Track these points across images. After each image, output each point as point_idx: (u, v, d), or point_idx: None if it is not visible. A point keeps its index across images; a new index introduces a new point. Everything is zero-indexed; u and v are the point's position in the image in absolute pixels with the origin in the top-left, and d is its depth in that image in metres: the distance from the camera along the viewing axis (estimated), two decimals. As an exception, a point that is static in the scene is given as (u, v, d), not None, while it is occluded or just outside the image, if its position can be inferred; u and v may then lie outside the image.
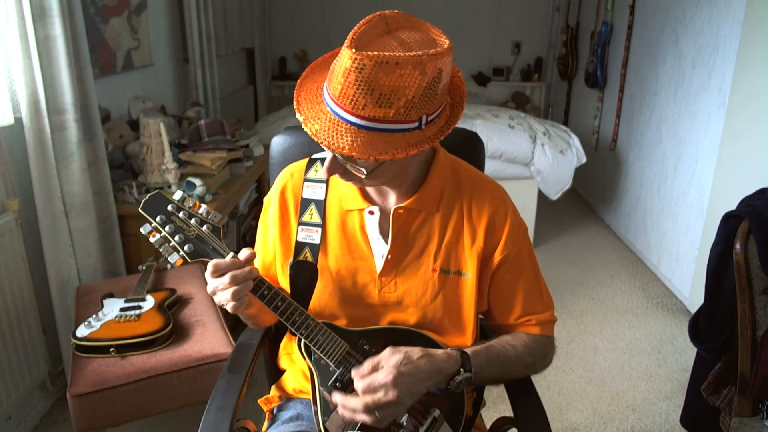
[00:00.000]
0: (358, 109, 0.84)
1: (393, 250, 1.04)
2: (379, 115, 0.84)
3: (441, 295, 1.05)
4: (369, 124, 0.85)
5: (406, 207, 1.04)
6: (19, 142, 1.91)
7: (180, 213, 0.95)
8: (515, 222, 1.07)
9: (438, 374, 0.94)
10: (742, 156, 2.47)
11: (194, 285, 1.93)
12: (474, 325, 1.08)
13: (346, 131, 0.86)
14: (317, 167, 1.10)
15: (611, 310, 2.93)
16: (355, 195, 1.06)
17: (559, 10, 5.40)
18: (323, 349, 0.99)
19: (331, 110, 0.87)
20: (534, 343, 1.09)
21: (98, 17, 2.52)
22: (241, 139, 2.82)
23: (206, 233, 0.95)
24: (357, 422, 0.95)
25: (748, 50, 2.44)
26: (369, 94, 0.83)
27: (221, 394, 1.07)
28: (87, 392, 1.46)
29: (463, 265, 1.05)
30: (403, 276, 1.05)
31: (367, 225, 1.05)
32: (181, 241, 0.94)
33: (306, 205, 1.07)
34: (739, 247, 1.46)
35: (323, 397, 0.99)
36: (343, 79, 0.83)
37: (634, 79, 3.75)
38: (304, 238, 1.06)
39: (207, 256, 0.94)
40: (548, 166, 3.40)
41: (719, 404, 1.60)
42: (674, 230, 3.13)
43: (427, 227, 1.06)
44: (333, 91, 0.86)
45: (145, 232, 0.95)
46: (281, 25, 5.54)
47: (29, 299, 1.94)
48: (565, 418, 2.13)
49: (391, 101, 0.84)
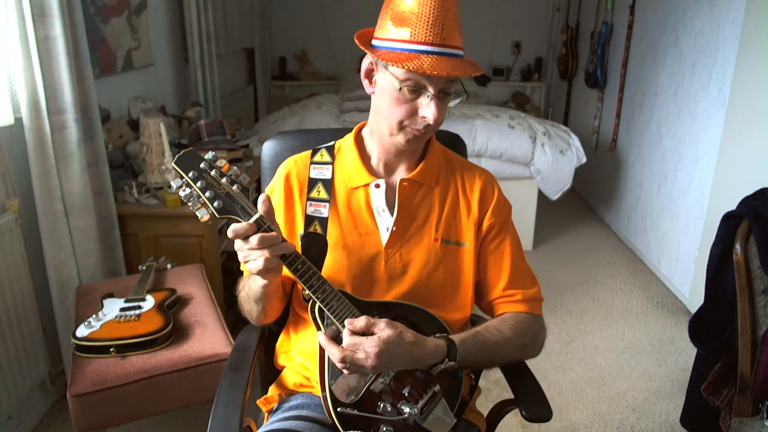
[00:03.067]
0: (454, 41, 1.00)
1: (398, 220, 1.12)
2: (459, 44, 1.02)
3: (443, 264, 1.12)
4: (456, 52, 1.02)
5: (410, 179, 1.14)
6: (19, 142, 1.91)
7: (212, 171, 0.96)
8: (501, 198, 1.19)
9: (420, 363, 1.02)
10: (742, 156, 2.47)
11: (194, 285, 1.93)
12: (472, 297, 1.16)
13: (448, 61, 0.99)
14: (323, 152, 1.18)
15: (611, 310, 2.93)
16: (360, 172, 1.14)
17: (559, 10, 5.40)
18: (336, 314, 1.01)
19: (424, 51, 0.98)
20: (521, 324, 1.13)
21: (98, 17, 2.52)
22: (241, 139, 2.82)
23: (236, 192, 0.96)
24: (361, 389, 1.01)
25: (748, 50, 2.44)
26: (458, 28, 1.01)
27: (227, 391, 1.08)
28: (87, 392, 1.46)
29: (462, 236, 1.15)
30: (408, 246, 1.12)
31: (372, 199, 1.13)
32: (212, 197, 0.95)
33: (313, 184, 1.15)
34: (739, 247, 1.46)
35: (332, 362, 1.01)
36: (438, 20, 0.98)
37: (634, 79, 3.75)
38: (312, 212, 1.12)
39: (235, 214, 0.95)
40: (548, 166, 3.40)
41: (719, 404, 1.60)
42: (674, 230, 3.13)
43: (429, 200, 1.15)
44: (423, 33, 0.98)
45: (176, 186, 0.95)
46: (281, 25, 5.54)
47: (29, 299, 1.94)
48: (565, 418, 2.13)
49: (461, 29, 1.02)
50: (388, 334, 0.96)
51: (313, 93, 5.00)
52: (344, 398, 1.01)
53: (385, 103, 1.05)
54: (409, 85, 1.01)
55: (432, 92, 1.01)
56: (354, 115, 3.50)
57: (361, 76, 1.10)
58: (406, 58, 0.98)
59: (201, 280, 1.97)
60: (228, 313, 2.26)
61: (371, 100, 1.11)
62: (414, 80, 1.00)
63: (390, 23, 1.01)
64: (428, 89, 1.01)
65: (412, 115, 1.04)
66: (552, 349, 2.56)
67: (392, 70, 1.01)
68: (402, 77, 1.01)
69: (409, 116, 1.04)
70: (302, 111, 3.71)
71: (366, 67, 1.08)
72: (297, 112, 3.73)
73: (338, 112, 3.69)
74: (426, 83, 1.00)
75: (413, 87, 1.01)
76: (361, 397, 1.01)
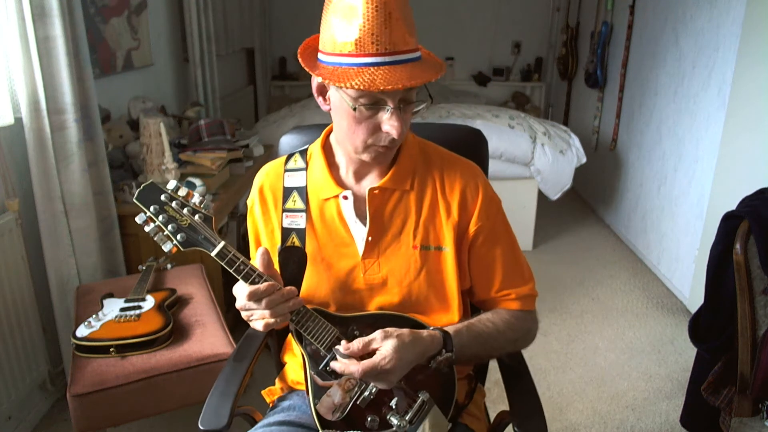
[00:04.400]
0: (405, 45, 0.91)
1: (372, 231, 1.06)
2: (412, 46, 0.93)
3: (424, 271, 1.07)
4: (411, 56, 0.93)
5: (380, 187, 1.06)
6: (19, 142, 1.91)
7: (173, 203, 0.96)
8: (487, 195, 1.10)
9: (422, 356, 0.99)
10: (742, 156, 2.47)
11: (194, 285, 1.93)
12: (459, 301, 1.10)
13: (402, 69, 0.90)
14: (296, 157, 1.12)
15: (611, 310, 2.93)
16: (328, 182, 1.08)
17: (559, 10, 5.40)
18: (313, 335, 1.00)
19: (373, 63, 0.90)
20: (514, 319, 1.12)
21: (98, 17, 2.52)
22: (241, 139, 2.82)
23: (198, 222, 0.96)
24: (347, 405, 0.99)
25: (748, 50, 2.44)
26: (408, 29, 0.91)
27: (225, 380, 1.12)
28: (87, 392, 1.46)
29: (441, 240, 1.08)
30: (385, 255, 1.07)
31: (343, 210, 1.08)
32: (174, 230, 0.96)
33: (288, 193, 1.09)
34: (739, 247, 1.46)
35: (314, 381, 1.01)
36: (383, 26, 0.88)
37: (634, 79, 3.75)
38: (289, 224, 1.08)
39: (199, 245, 0.96)
40: (548, 166, 3.40)
41: (719, 404, 1.60)
42: (674, 230, 3.13)
43: (403, 206, 1.08)
44: (368, 44, 0.89)
45: (140, 221, 0.97)
46: (281, 25, 5.53)
47: (29, 299, 1.94)
48: (565, 418, 2.13)
49: (413, 29, 0.92)
50: (393, 343, 0.95)
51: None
52: (330, 416, 0.99)
53: (343, 123, 0.98)
54: (364, 103, 0.93)
55: (391, 106, 0.93)
56: (354, 115, 3.49)
57: (314, 94, 1.02)
58: (355, 74, 0.89)
59: (201, 280, 1.97)
60: (228, 313, 2.25)
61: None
62: (369, 96, 0.92)
63: (332, 35, 0.92)
64: (387, 103, 0.93)
65: (374, 132, 0.96)
66: (552, 349, 2.56)
67: (343, 88, 0.92)
68: (355, 95, 0.92)
69: (372, 134, 0.97)
70: (302, 111, 3.71)
71: (317, 83, 1.00)
72: (297, 112, 3.73)
73: (338, 112, 3.68)
74: (383, 97, 0.92)
75: (370, 103, 0.93)
76: (348, 413, 1.00)
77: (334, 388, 1.00)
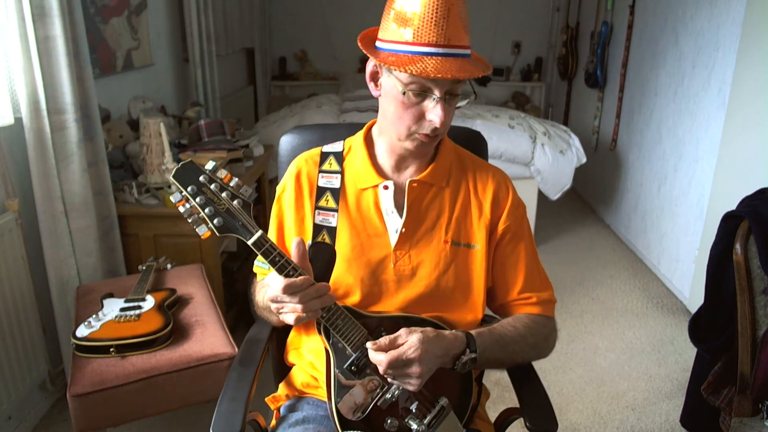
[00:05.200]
0: (459, 40, 0.97)
1: (407, 222, 1.10)
2: (465, 43, 0.99)
3: (453, 266, 1.10)
4: (462, 52, 0.99)
5: (420, 180, 1.11)
6: (19, 142, 1.91)
7: (212, 185, 0.92)
8: (516, 199, 1.16)
9: (447, 354, 0.99)
10: (742, 156, 2.47)
11: (194, 285, 1.93)
12: (483, 300, 1.13)
13: (453, 62, 0.96)
14: (331, 160, 1.16)
15: (611, 310, 2.93)
16: (369, 173, 1.12)
17: (559, 10, 5.40)
18: (342, 332, 1.00)
19: (428, 53, 0.95)
20: (534, 323, 1.13)
21: (98, 17, 2.52)
22: (241, 139, 2.82)
23: (237, 208, 0.93)
24: (368, 406, 1.00)
25: (748, 50, 2.44)
26: (464, 27, 0.97)
27: (233, 386, 1.08)
28: (87, 392, 1.46)
29: (472, 238, 1.12)
30: (417, 248, 1.10)
31: (381, 200, 1.11)
32: (211, 214, 0.91)
33: (322, 193, 1.12)
34: (739, 247, 1.46)
35: (338, 379, 1.01)
36: (442, 20, 0.94)
37: (634, 79, 3.75)
38: (321, 221, 1.10)
39: (236, 232, 0.93)
40: (548, 166, 3.40)
41: (719, 404, 1.60)
42: (674, 230, 3.13)
43: (439, 201, 1.12)
44: (426, 34, 0.95)
45: (175, 200, 0.93)
46: (281, 25, 5.53)
47: (29, 299, 1.93)
48: (565, 418, 2.13)
49: (468, 27, 0.99)
50: (417, 336, 0.96)
51: (313, 93, 5.00)
52: (351, 416, 0.99)
53: (391, 107, 1.03)
54: (413, 89, 0.98)
55: (438, 95, 0.98)
56: (354, 115, 3.50)
57: (366, 79, 1.08)
58: (410, 61, 0.95)
59: (201, 280, 1.97)
60: (228, 313, 2.25)
61: (378, 101, 1.09)
62: (419, 83, 0.98)
63: (393, 24, 0.98)
64: (434, 92, 0.98)
65: (419, 120, 1.01)
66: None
67: (396, 73, 0.99)
68: (406, 81, 0.98)
69: (416, 121, 1.01)
70: (302, 111, 3.71)
71: (371, 69, 1.06)
72: (297, 112, 3.73)
73: (338, 112, 3.69)
74: (431, 86, 0.98)
75: (418, 90, 0.98)
76: (368, 413, 1.00)
77: (357, 388, 1.00)
